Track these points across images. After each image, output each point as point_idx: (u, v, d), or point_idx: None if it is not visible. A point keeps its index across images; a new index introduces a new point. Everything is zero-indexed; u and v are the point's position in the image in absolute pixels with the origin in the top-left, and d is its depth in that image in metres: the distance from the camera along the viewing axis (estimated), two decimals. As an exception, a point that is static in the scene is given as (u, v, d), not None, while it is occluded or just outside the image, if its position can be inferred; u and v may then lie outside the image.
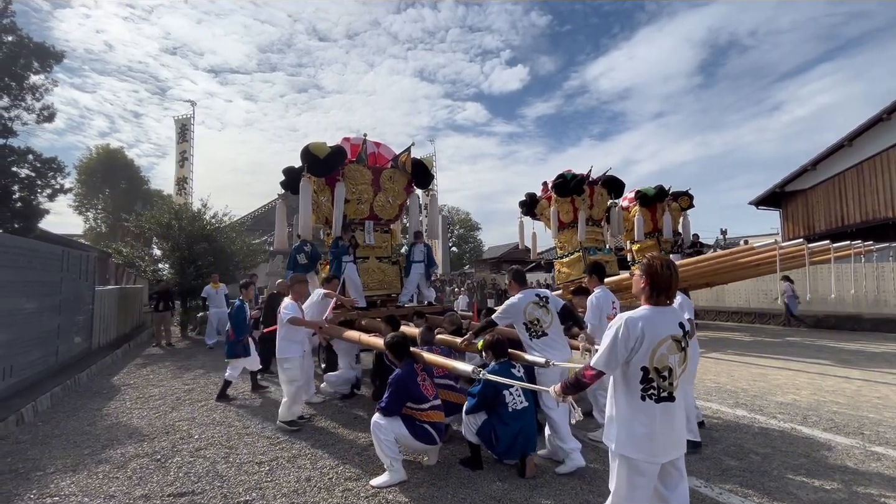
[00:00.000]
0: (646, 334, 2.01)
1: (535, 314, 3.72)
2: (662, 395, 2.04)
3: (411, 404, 3.47)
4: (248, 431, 4.56)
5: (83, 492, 3.28)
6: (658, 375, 2.04)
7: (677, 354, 2.06)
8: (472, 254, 35.48)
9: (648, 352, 2.02)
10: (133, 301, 12.13)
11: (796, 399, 5.39)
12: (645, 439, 2.02)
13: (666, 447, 2.04)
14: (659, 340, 2.03)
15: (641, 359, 2.03)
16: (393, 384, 3.48)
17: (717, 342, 9.88)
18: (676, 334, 2.07)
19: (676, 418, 2.08)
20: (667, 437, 2.04)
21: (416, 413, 3.46)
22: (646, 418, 2.03)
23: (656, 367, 2.03)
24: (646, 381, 2.04)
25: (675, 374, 2.06)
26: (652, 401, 2.04)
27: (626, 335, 2.02)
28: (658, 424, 2.02)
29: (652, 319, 2.05)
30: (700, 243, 14.14)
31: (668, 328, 2.06)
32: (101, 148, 28.37)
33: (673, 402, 2.06)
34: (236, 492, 3.25)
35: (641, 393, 2.05)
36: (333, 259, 6.84)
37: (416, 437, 3.42)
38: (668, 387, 2.05)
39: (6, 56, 12.48)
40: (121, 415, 5.16)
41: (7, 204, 12.53)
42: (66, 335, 7.20)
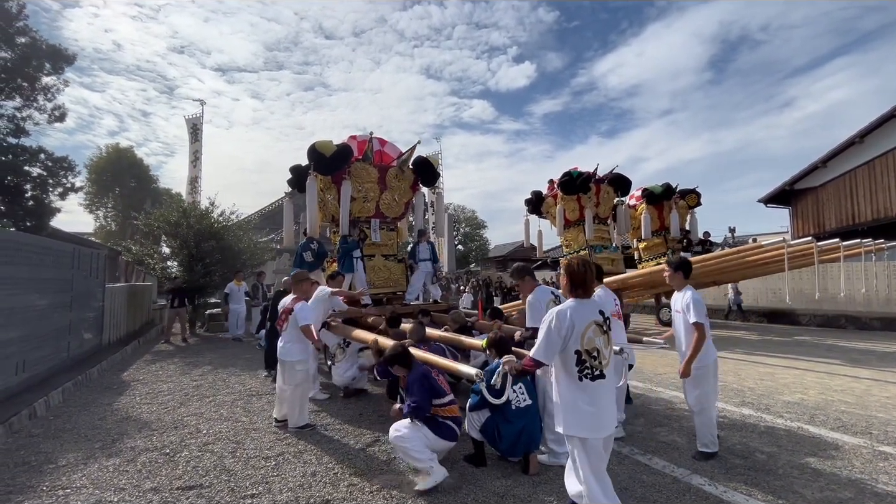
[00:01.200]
0: (574, 322, 2.39)
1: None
2: (595, 373, 2.39)
3: (435, 401, 3.37)
4: (254, 427, 4.62)
5: (94, 484, 3.34)
6: (589, 356, 2.40)
7: (602, 337, 2.45)
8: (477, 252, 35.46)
9: (579, 336, 2.38)
10: (142, 298, 12.29)
11: (804, 398, 5.35)
12: (588, 416, 2.35)
13: (606, 421, 2.39)
14: (585, 325, 2.41)
15: (574, 343, 2.39)
16: (415, 383, 3.37)
17: (725, 341, 9.80)
18: (598, 320, 2.46)
19: (609, 394, 2.44)
20: (605, 411, 2.38)
21: (438, 410, 3.37)
22: (587, 396, 2.37)
23: (587, 349, 2.39)
24: (580, 362, 2.39)
25: (602, 354, 2.42)
26: (588, 380, 2.39)
27: (559, 326, 2.39)
28: (597, 400, 2.37)
29: (577, 309, 2.44)
30: (710, 241, 14.03)
31: (590, 316, 2.45)
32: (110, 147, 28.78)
33: (604, 378, 2.42)
34: (243, 486, 3.30)
35: (578, 374, 2.39)
36: (343, 256, 6.89)
37: (441, 437, 3.31)
38: (599, 365, 2.41)
39: (19, 57, 12.68)
40: (130, 409, 5.24)
41: (20, 202, 12.74)
42: (78, 331, 7.33)
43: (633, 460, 3.64)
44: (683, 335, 3.68)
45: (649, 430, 4.34)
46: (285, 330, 4.65)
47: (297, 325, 4.50)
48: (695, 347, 3.50)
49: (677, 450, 3.82)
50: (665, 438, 4.09)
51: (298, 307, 4.57)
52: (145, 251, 11.60)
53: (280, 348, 4.66)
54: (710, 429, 3.64)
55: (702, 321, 3.51)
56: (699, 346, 3.49)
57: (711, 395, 3.67)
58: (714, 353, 3.74)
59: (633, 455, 3.73)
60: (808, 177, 16.36)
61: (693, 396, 3.69)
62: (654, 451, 3.81)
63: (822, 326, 11.93)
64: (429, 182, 7.97)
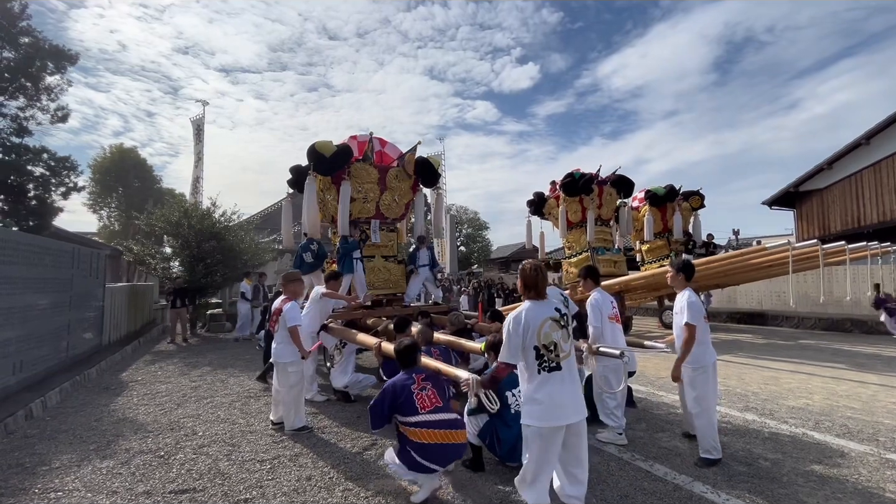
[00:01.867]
0: (529, 321, 2.54)
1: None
2: (552, 365, 2.53)
3: (400, 417, 3.12)
4: (251, 429, 4.58)
5: (86, 487, 3.30)
6: (546, 350, 2.53)
7: (560, 331, 2.57)
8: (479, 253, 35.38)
9: (536, 333, 2.53)
10: (144, 298, 12.28)
11: (809, 403, 5.26)
12: (547, 407, 2.49)
13: (566, 411, 2.51)
14: (540, 322, 2.55)
15: (532, 340, 2.54)
16: (381, 391, 3.21)
17: (729, 344, 9.71)
18: (553, 316, 2.59)
19: (568, 385, 2.55)
20: (561, 401, 2.51)
21: (406, 430, 3.09)
22: (543, 387, 2.52)
23: (544, 343, 2.53)
24: (539, 357, 2.54)
25: (559, 347, 2.55)
26: (545, 371, 2.53)
27: (516, 327, 2.54)
28: (552, 390, 2.51)
29: (531, 310, 2.59)
30: (714, 244, 13.93)
31: (544, 314, 2.58)
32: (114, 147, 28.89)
33: (560, 370, 2.54)
34: (237, 490, 3.25)
35: (538, 367, 2.54)
36: (343, 256, 6.83)
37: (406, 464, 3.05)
38: (556, 358, 2.54)
39: (23, 57, 12.72)
40: (127, 411, 5.21)
41: (22, 202, 12.77)
42: (77, 331, 7.31)
43: (635, 467, 3.57)
44: (680, 335, 3.75)
45: (651, 435, 4.27)
46: (276, 331, 4.61)
47: (286, 326, 4.47)
48: (684, 349, 3.65)
49: (679, 456, 3.75)
50: (667, 444, 4.02)
51: (287, 308, 4.52)
52: (146, 251, 11.59)
53: (273, 350, 4.63)
54: (712, 433, 3.59)
55: (694, 322, 3.61)
56: (688, 347, 3.63)
57: (711, 397, 3.65)
58: (713, 355, 3.77)
59: (635, 461, 3.66)
60: (812, 179, 16.22)
61: (692, 398, 3.71)
62: (655, 457, 3.74)
63: (827, 330, 11.81)
64: (429, 183, 7.91)
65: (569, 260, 12.59)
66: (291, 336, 4.48)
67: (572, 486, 2.65)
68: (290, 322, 4.47)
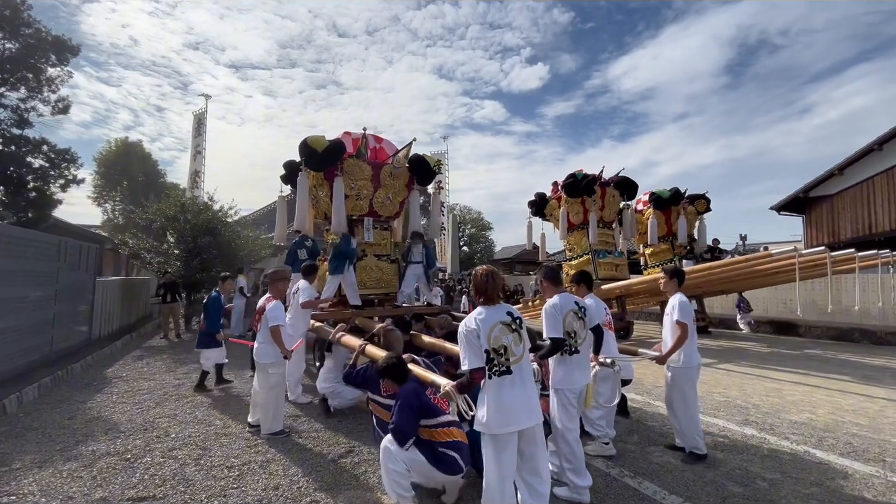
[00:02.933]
0: (480, 325, 2.52)
1: (574, 326, 3.18)
2: (502, 369, 2.50)
3: (425, 421, 2.94)
4: (226, 431, 4.41)
5: (42, 491, 3.15)
6: (496, 354, 2.50)
7: (510, 335, 2.54)
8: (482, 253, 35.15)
9: (486, 336, 2.50)
10: (139, 292, 12.21)
11: (812, 418, 5.01)
12: (496, 411, 2.44)
13: (517, 416, 2.46)
14: (491, 326, 2.53)
15: (483, 344, 2.50)
16: (401, 398, 2.99)
17: (732, 352, 9.43)
18: (505, 320, 2.57)
19: (519, 389, 2.50)
20: (514, 406, 2.46)
21: (433, 433, 2.92)
22: (493, 392, 2.48)
23: (494, 347, 2.50)
24: (489, 361, 2.50)
25: (510, 350, 2.52)
26: (495, 376, 2.49)
27: (469, 330, 2.53)
28: (502, 394, 2.47)
29: (482, 314, 2.57)
30: (719, 248, 13.64)
31: (496, 317, 2.57)
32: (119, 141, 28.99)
33: (511, 374, 2.50)
34: (198, 499, 3.08)
35: (489, 372, 2.49)
36: (337, 256, 6.58)
37: (437, 466, 2.83)
38: (506, 362, 2.51)
39: (24, 48, 12.68)
40: (103, 409, 5.07)
41: (21, 193, 12.74)
42: (63, 325, 7.20)
43: (622, 483, 3.35)
44: (669, 335, 3.87)
45: (643, 448, 4.05)
46: (259, 330, 4.45)
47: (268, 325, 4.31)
48: (675, 344, 3.77)
49: (671, 473, 3.53)
50: (659, 459, 3.80)
51: (270, 307, 4.37)
52: (142, 245, 11.50)
53: (255, 349, 4.48)
54: (696, 429, 3.73)
55: (685, 321, 3.73)
56: (679, 343, 3.74)
57: (693, 397, 3.80)
58: (698, 358, 3.87)
59: (623, 478, 3.44)
60: (823, 184, 15.84)
61: (675, 398, 3.83)
62: (645, 473, 3.53)
63: (834, 340, 11.47)
64: (424, 181, 7.71)
65: (569, 262, 12.34)
66: (273, 336, 4.33)
67: (532, 497, 2.54)
68: (271, 322, 4.33)
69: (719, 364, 8.09)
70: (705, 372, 7.46)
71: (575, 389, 3.10)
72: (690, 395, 3.79)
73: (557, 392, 3.13)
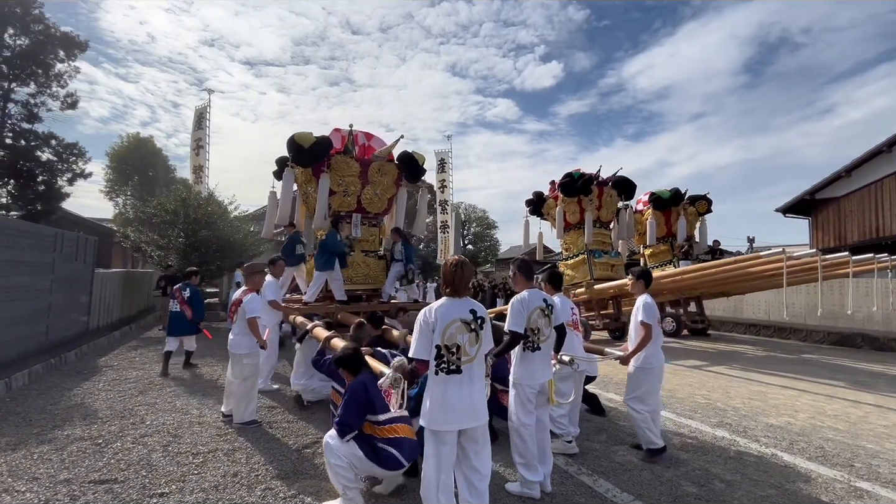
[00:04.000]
0: (438, 318, 2.46)
1: (539, 322, 3.14)
2: (451, 368, 2.45)
3: (371, 416, 2.93)
4: (200, 420, 4.51)
5: (10, 472, 3.26)
6: (448, 351, 2.45)
7: (467, 334, 2.48)
8: (487, 252, 35.12)
9: (441, 332, 2.45)
10: (141, 285, 12.46)
11: (790, 422, 4.95)
12: (438, 408, 2.42)
13: (459, 415, 2.43)
14: (448, 322, 2.46)
15: (436, 338, 2.45)
16: (348, 391, 2.99)
17: (726, 355, 9.32)
18: (465, 318, 2.50)
19: (466, 389, 2.46)
20: (458, 405, 2.43)
21: (375, 429, 2.91)
22: (439, 389, 2.45)
23: (447, 344, 2.45)
24: (439, 357, 2.45)
25: (462, 350, 2.46)
26: (443, 373, 2.45)
27: (426, 321, 2.48)
28: (448, 393, 2.43)
29: (444, 306, 2.52)
30: (720, 250, 13.46)
31: (457, 313, 2.50)
32: (131, 136, 29.49)
33: (460, 374, 2.46)
34: (157, 483, 3.17)
35: (436, 368, 2.46)
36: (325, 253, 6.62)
37: (375, 461, 2.83)
38: (457, 361, 2.46)
39: (34, 44, 12.99)
40: (87, 396, 5.21)
41: (30, 187, 13.07)
42: (59, 314, 7.39)
43: (577, 481, 3.36)
44: (634, 335, 3.90)
45: (607, 447, 4.05)
46: (235, 322, 4.54)
47: (244, 317, 4.40)
48: (639, 344, 3.80)
49: (629, 472, 3.53)
50: (621, 458, 3.80)
51: (247, 299, 4.47)
52: (143, 238, 11.74)
53: (230, 341, 4.55)
54: (650, 427, 3.73)
55: (649, 321, 3.76)
56: (643, 343, 3.77)
57: (652, 397, 3.80)
58: (661, 359, 3.89)
59: (579, 475, 3.45)
60: (830, 186, 15.52)
61: (633, 396, 3.84)
62: (603, 471, 3.53)
63: (836, 345, 11.26)
64: (413, 178, 7.75)
65: (565, 262, 12.30)
66: (250, 327, 4.44)
67: (471, 494, 2.53)
68: (249, 313, 4.44)
69: (709, 367, 8.01)
70: (692, 374, 7.41)
71: (534, 385, 3.09)
72: (649, 395, 3.78)
73: (516, 386, 3.14)
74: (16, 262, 6.04)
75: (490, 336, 2.67)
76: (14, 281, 6.04)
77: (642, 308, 3.83)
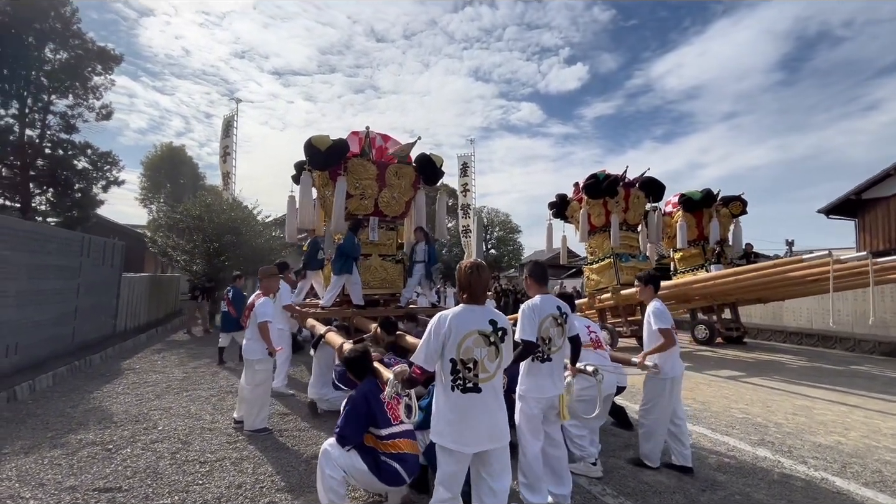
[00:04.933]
0: (452, 328, 2.21)
1: (550, 332, 2.91)
2: (468, 385, 2.21)
3: (373, 430, 2.79)
4: (212, 427, 4.45)
5: (19, 477, 3.24)
6: (464, 367, 2.20)
7: (485, 348, 2.23)
8: (511, 256, 34.66)
9: (456, 344, 2.20)
10: (168, 289, 12.75)
11: (840, 441, 4.50)
12: (453, 428, 2.19)
13: (476, 437, 2.19)
14: (465, 334, 2.21)
15: (450, 351, 2.21)
16: (350, 403, 2.86)
17: (765, 365, 8.74)
18: (484, 330, 2.25)
19: (485, 410, 2.21)
20: (475, 426, 2.19)
21: (378, 444, 2.77)
22: (454, 407, 2.21)
23: (462, 358, 2.20)
24: (454, 372, 2.21)
25: (480, 366, 2.21)
26: (459, 391, 2.20)
27: (438, 328, 2.23)
28: (464, 414, 2.19)
29: (461, 315, 2.25)
30: (754, 253, 12.77)
31: (474, 324, 2.24)
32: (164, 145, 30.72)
33: (479, 393, 2.21)
34: (161, 493, 3.08)
35: (451, 384, 2.21)
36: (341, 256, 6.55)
37: (377, 475, 2.68)
38: (474, 378, 2.21)
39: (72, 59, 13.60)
40: (105, 399, 5.24)
41: (67, 194, 13.63)
42: (86, 317, 7.56)
43: (601, 502, 3.09)
44: (648, 344, 3.73)
45: (635, 466, 3.74)
46: (248, 327, 4.49)
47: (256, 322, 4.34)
48: (659, 347, 3.58)
49: (659, 494, 3.23)
50: (649, 479, 3.49)
51: (259, 303, 4.42)
52: (169, 243, 12.03)
53: (244, 346, 4.51)
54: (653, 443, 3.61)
55: (666, 326, 3.56)
56: (664, 348, 3.57)
57: (663, 410, 3.58)
58: (680, 368, 3.67)
59: (603, 496, 3.18)
60: (878, 185, 14.52)
61: (643, 406, 3.71)
62: (629, 493, 3.24)
63: (886, 356, 10.43)
64: (431, 181, 7.60)
65: (590, 266, 11.89)
66: (261, 332, 4.37)
67: None
68: (260, 318, 4.39)
69: (746, 378, 7.50)
70: (727, 385, 6.93)
71: (542, 399, 2.84)
72: (658, 408, 3.58)
73: (522, 399, 2.90)
74: (43, 267, 6.20)
75: (511, 349, 2.41)
76: (42, 285, 6.19)
77: (654, 315, 3.62)
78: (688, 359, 9.36)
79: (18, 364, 5.74)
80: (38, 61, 12.77)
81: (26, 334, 5.87)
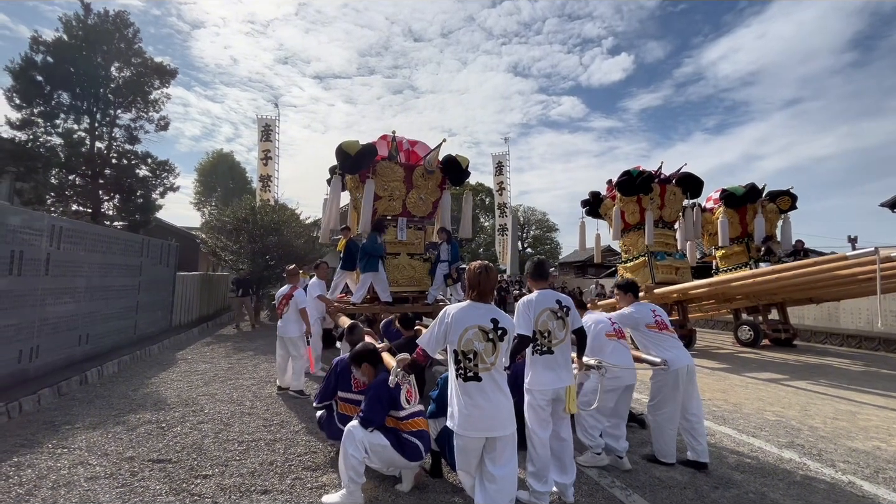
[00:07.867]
0: (455, 320, 2.47)
1: (549, 325, 3.01)
2: (469, 374, 2.44)
3: (393, 412, 3.08)
4: (251, 411, 4.85)
5: (88, 447, 3.73)
6: (465, 357, 2.44)
7: (484, 343, 2.45)
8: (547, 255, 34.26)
9: (458, 337, 2.45)
10: (218, 286, 13.68)
11: (879, 447, 4.29)
12: (461, 414, 2.42)
13: (482, 423, 2.39)
14: (465, 327, 2.46)
15: (454, 342, 2.47)
16: (372, 388, 3.14)
17: (812, 369, 8.29)
18: (485, 326, 2.47)
19: (486, 398, 2.41)
20: (478, 413, 2.39)
21: (399, 424, 3.06)
22: (460, 394, 2.44)
23: (463, 350, 2.45)
24: (457, 362, 2.47)
25: (480, 357, 2.43)
26: (461, 380, 2.45)
27: (442, 319, 2.51)
28: (468, 400, 2.41)
29: (464, 310, 2.51)
30: (805, 251, 12.04)
31: (476, 319, 2.48)
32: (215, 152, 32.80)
33: (479, 381, 2.42)
34: (204, 465, 3.46)
35: (456, 373, 2.47)
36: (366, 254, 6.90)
37: (400, 452, 2.96)
38: (473, 367, 2.43)
39: (134, 75, 14.84)
40: (161, 384, 5.82)
41: (131, 200, 14.89)
42: (146, 312, 8.34)
43: (608, 494, 3.17)
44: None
45: (648, 461, 3.77)
46: (285, 312, 5.55)
47: (297, 307, 5.49)
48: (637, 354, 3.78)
49: (668, 489, 3.26)
50: (661, 474, 3.52)
51: (298, 293, 5.49)
52: (217, 244, 12.92)
53: (280, 327, 5.57)
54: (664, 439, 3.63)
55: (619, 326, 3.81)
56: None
57: (670, 406, 3.59)
58: (683, 361, 3.62)
59: (611, 488, 3.25)
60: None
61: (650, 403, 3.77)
62: (638, 486, 3.29)
63: (957, 361, 9.57)
64: (457, 181, 7.80)
65: (624, 265, 11.67)
66: (302, 315, 5.54)
67: (483, 498, 2.46)
68: (301, 304, 5.55)
69: (788, 381, 7.18)
70: (766, 388, 6.68)
71: (545, 391, 2.96)
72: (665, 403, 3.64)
73: (528, 392, 3.04)
74: (111, 266, 6.93)
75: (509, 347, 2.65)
76: (110, 281, 6.92)
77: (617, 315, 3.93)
78: (728, 360, 9.04)
79: (90, 352, 6.46)
80: (105, 79, 14.04)
81: (96, 326, 6.59)
